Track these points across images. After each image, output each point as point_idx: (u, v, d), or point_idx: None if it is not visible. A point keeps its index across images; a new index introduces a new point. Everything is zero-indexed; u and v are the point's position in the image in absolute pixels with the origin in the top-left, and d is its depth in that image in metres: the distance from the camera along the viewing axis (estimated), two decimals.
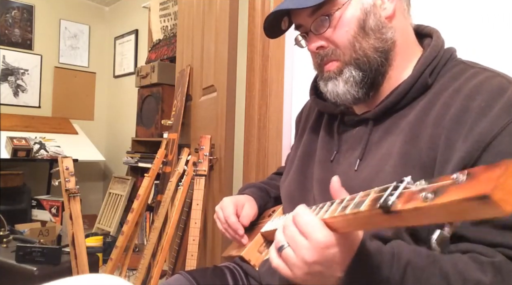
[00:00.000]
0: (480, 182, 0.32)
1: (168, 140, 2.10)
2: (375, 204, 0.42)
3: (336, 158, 0.78)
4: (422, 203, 0.36)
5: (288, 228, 0.54)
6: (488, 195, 0.30)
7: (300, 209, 0.54)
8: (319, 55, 0.74)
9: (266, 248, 0.85)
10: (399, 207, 0.38)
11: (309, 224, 0.52)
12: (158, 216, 1.90)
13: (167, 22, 3.14)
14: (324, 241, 0.50)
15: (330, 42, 0.72)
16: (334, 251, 0.51)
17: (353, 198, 0.48)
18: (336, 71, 0.73)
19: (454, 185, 0.34)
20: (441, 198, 0.34)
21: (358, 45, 0.70)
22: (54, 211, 3.02)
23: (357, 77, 0.71)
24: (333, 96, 0.74)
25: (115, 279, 0.75)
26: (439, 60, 0.70)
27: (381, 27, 0.70)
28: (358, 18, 0.70)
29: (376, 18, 0.70)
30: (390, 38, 0.71)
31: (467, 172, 0.34)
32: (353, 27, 0.70)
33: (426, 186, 0.37)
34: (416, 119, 0.67)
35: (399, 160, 0.65)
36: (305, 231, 0.52)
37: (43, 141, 3.19)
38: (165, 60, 2.94)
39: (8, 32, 3.51)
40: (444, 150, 0.61)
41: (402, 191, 0.40)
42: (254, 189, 1.00)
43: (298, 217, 0.53)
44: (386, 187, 0.43)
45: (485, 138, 0.58)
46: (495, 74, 0.66)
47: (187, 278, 0.85)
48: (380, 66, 0.71)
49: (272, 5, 1.64)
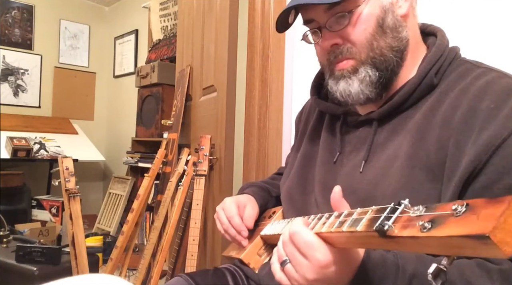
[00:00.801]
0: (479, 218, 0.30)
1: (168, 140, 2.10)
2: (371, 225, 0.41)
3: (339, 160, 0.77)
4: (418, 232, 0.35)
5: (288, 246, 0.55)
6: (487, 236, 0.29)
7: (297, 227, 0.54)
8: (333, 52, 0.71)
9: (266, 252, 0.85)
10: (395, 233, 0.38)
11: (307, 244, 0.52)
12: (158, 216, 1.90)
13: (167, 22, 3.13)
14: (324, 261, 0.51)
15: (346, 39, 0.69)
16: (334, 269, 0.51)
17: (350, 214, 0.48)
18: (350, 70, 0.70)
19: (453, 216, 0.33)
20: (438, 230, 0.33)
21: (375, 44, 0.68)
22: (54, 211, 3.02)
23: (373, 77, 0.69)
24: (345, 95, 0.71)
25: (115, 279, 0.75)
26: (445, 60, 0.69)
27: (398, 25, 0.69)
28: (377, 16, 0.68)
29: (394, 16, 0.69)
30: (405, 37, 0.70)
31: (465, 203, 0.33)
32: (371, 25, 0.68)
33: (424, 213, 0.36)
34: (423, 120, 0.66)
35: (406, 161, 0.64)
36: (304, 252, 0.52)
37: (43, 141, 3.19)
38: (165, 60, 2.94)
39: (8, 32, 3.51)
40: (453, 153, 0.60)
41: (400, 215, 0.39)
42: (255, 188, 0.98)
43: (296, 237, 0.53)
44: (384, 208, 0.42)
45: (494, 141, 0.57)
46: (502, 74, 0.65)
47: (187, 281, 0.84)
48: (395, 66, 0.70)
49: (272, 5, 1.63)
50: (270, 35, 1.63)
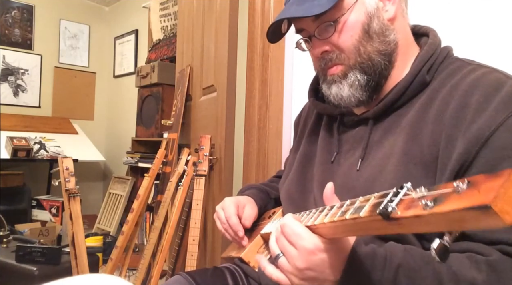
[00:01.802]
0: (480, 191, 0.32)
1: (168, 140, 2.10)
2: (374, 210, 0.42)
3: (336, 159, 0.78)
4: (422, 210, 0.36)
5: (280, 239, 0.58)
6: (489, 205, 0.30)
7: (287, 219, 0.58)
8: (323, 59, 0.74)
9: (266, 250, 0.85)
10: (399, 214, 0.38)
11: (295, 233, 0.56)
12: (158, 216, 1.90)
13: (167, 22, 3.13)
14: (311, 248, 0.54)
15: (334, 46, 0.72)
16: (322, 257, 0.54)
17: (353, 202, 0.48)
18: (340, 75, 0.72)
19: (454, 193, 0.34)
20: (441, 206, 0.34)
21: (363, 49, 0.70)
22: (54, 211, 3.02)
23: (362, 81, 0.71)
24: (337, 99, 0.74)
25: (115, 279, 0.75)
26: (436, 58, 0.71)
27: (385, 29, 0.71)
28: (363, 23, 0.70)
29: (380, 21, 0.71)
30: (393, 40, 0.71)
31: (467, 180, 0.34)
32: (357, 32, 0.70)
33: (426, 193, 0.37)
34: (416, 117, 0.67)
35: (401, 158, 0.65)
36: (292, 240, 0.56)
37: (43, 141, 3.19)
38: (165, 60, 2.94)
39: (8, 32, 3.51)
40: (445, 147, 0.62)
41: (402, 197, 0.40)
42: (254, 190, 0.99)
43: (285, 228, 0.57)
44: (386, 193, 0.43)
45: (483, 133, 0.58)
46: (492, 69, 0.66)
47: (187, 279, 0.85)
48: (384, 69, 0.71)
49: (272, 5, 1.64)
50: None
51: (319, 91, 0.86)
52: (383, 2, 0.72)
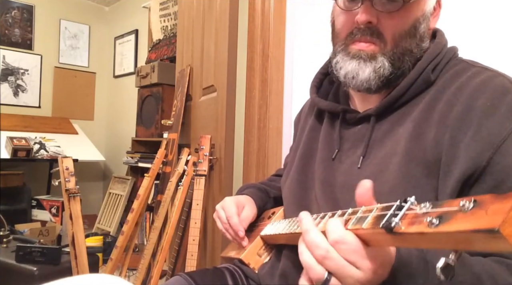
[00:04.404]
0: (488, 213, 0.31)
1: (168, 140, 2.10)
2: (377, 223, 0.41)
3: (337, 157, 0.77)
4: (426, 228, 0.35)
5: (331, 259, 0.48)
6: (497, 229, 0.29)
7: (339, 233, 0.48)
8: (361, 30, 0.69)
9: (266, 252, 0.85)
10: (403, 229, 0.38)
11: (355, 251, 0.47)
12: (158, 216, 1.90)
13: (167, 22, 3.13)
14: (375, 267, 0.47)
15: (381, 24, 0.68)
16: (383, 272, 0.49)
17: (355, 212, 0.47)
18: (369, 55, 0.69)
19: (460, 212, 0.33)
20: (446, 225, 0.33)
21: (403, 42, 0.69)
22: (54, 211, 3.02)
23: (387, 70, 0.69)
24: (349, 76, 0.71)
25: (115, 279, 0.75)
26: (442, 57, 0.70)
27: (424, 35, 0.71)
28: (417, 19, 0.69)
29: (426, 25, 0.71)
30: (425, 47, 0.72)
31: (473, 199, 0.33)
32: (410, 23, 0.69)
33: (431, 210, 0.36)
34: (420, 117, 0.67)
35: (404, 158, 0.65)
36: (353, 260, 0.47)
37: (43, 141, 3.19)
38: (165, 60, 2.94)
39: (8, 32, 3.51)
40: (448, 148, 0.61)
41: (406, 212, 0.39)
42: (253, 189, 0.99)
43: (342, 246, 0.48)
44: (389, 205, 0.42)
45: (495, 139, 0.58)
46: (497, 73, 0.66)
47: (186, 280, 0.84)
48: (406, 69, 0.71)
49: (272, 5, 1.63)
50: (270, 35, 1.63)
51: (321, 87, 0.86)
52: (436, 10, 0.72)
